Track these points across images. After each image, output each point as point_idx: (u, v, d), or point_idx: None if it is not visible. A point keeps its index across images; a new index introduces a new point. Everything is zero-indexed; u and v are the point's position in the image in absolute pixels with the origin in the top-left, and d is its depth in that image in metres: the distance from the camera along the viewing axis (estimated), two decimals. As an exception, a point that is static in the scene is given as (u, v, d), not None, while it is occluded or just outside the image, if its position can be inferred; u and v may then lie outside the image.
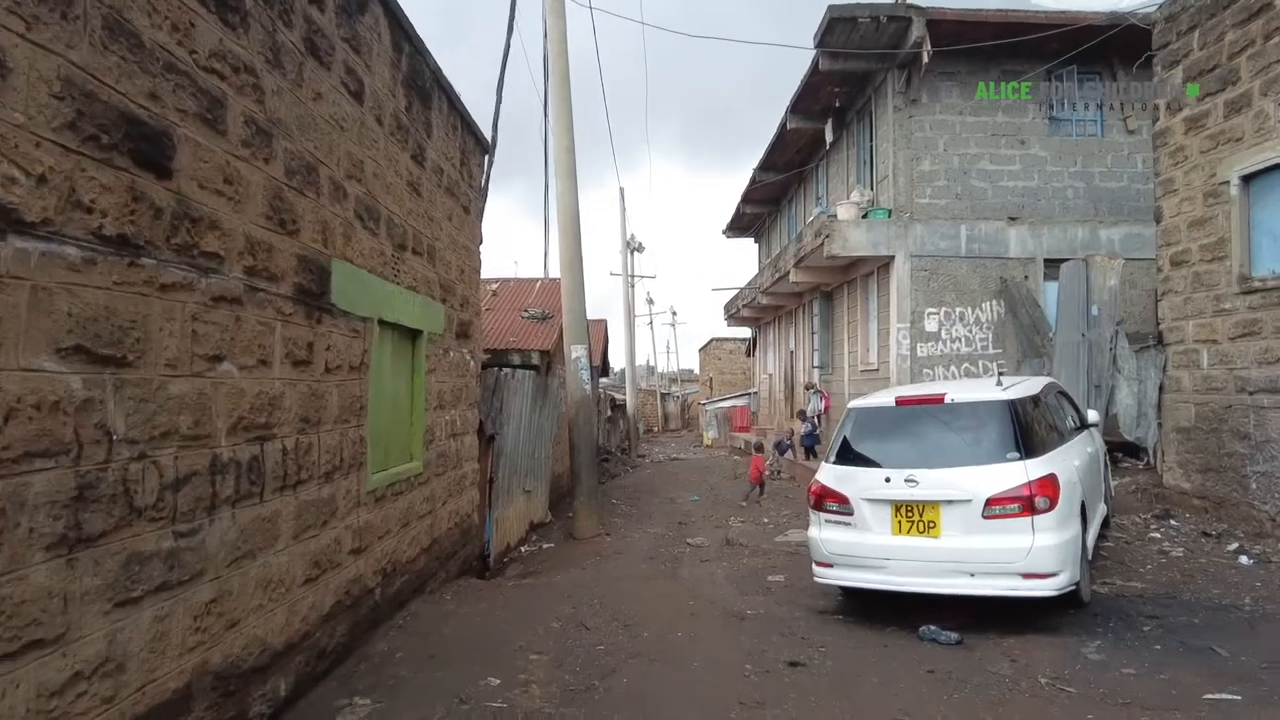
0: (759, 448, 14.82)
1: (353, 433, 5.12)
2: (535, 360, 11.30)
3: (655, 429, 52.97)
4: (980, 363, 12.81)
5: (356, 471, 5.19)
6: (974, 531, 5.60)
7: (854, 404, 6.64)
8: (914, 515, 5.80)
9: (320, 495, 4.66)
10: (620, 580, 7.92)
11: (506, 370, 10.28)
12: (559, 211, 11.09)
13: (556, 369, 11.50)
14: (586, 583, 7.82)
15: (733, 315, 26.88)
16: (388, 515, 5.82)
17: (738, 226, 26.70)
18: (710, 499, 14.95)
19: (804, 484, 14.62)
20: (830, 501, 6.17)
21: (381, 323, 5.63)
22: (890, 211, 12.90)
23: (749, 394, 32.77)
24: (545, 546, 10.84)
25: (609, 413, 31.11)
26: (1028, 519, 5.47)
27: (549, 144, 11.42)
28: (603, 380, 41.22)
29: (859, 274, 14.68)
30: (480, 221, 8.91)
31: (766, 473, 15.75)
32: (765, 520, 11.43)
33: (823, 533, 6.18)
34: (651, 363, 65.87)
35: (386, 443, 5.93)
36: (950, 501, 5.67)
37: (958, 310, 12.80)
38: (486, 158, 9.19)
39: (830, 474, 6.28)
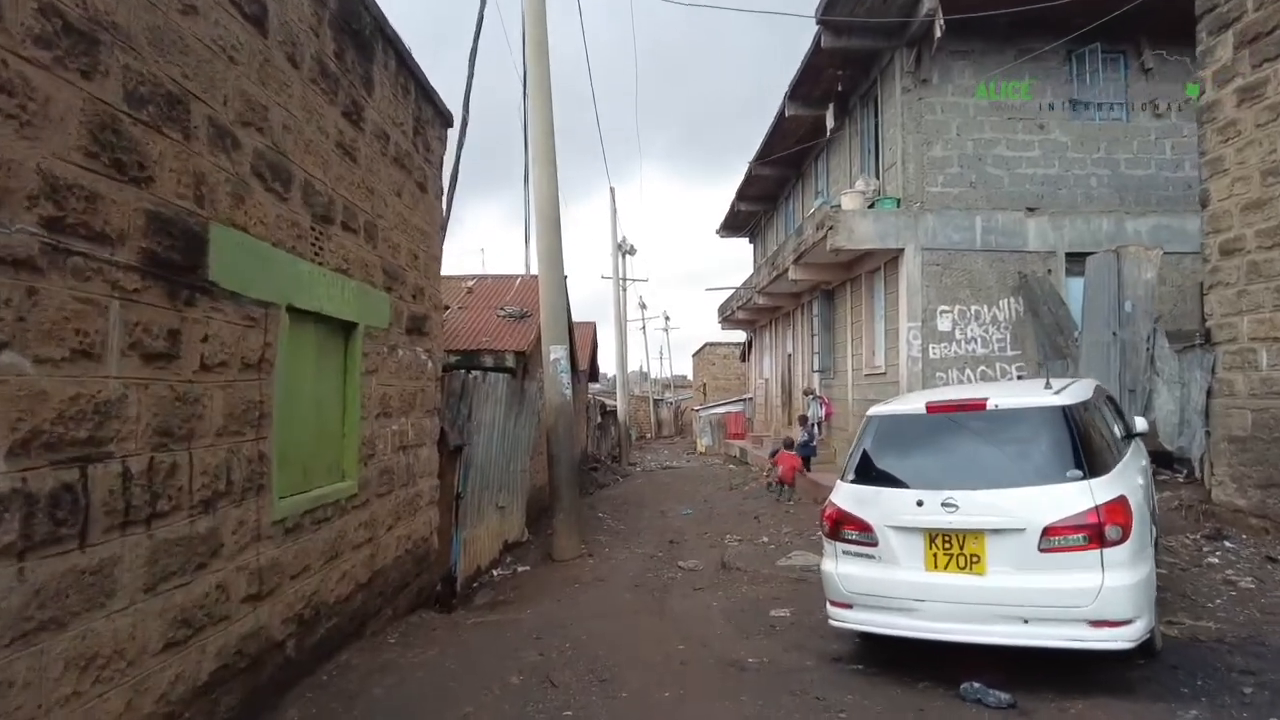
0: (789, 444, 13.76)
1: (248, 448, 4.02)
2: (510, 362, 10.21)
3: (648, 435, 51.89)
4: (998, 365, 11.78)
5: (255, 497, 4.09)
6: (1028, 568, 4.54)
7: (875, 411, 5.57)
8: (952, 547, 4.73)
9: (194, 531, 3.56)
10: (599, 617, 6.82)
11: (476, 373, 9.19)
12: (536, 199, 10.02)
13: (535, 372, 10.42)
14: (560, 620, 6.72)
15: (727, 318, 25.82)
16: (305, 549, 4.71)
17: (732, 225, 25.68)
18: (704, 513, 13.85)
19: (805, 497, 13.57)
20: (849, 529, 5.09)
21: (295, 311, 4.54)
22: (899, 201, 11.87)
23: (744, 400, 31.73)
24: (520, 569, 9.74)
25: (599, 419, 30.03)
26: (1095, 553, 4.41)
27: (527, 124, 10.36)
28: (594, 386, 40.17)
29: (864, 270, 13.64)
30: (442, 204, 7.83)
31: (775, 479, 14.70)
32: (764, 539, 10.35)
33: (840, 566, 5.10)
34: (644, 368, 64.84)
35: (305, 459, 4.83)
36: (998, 531, 4.61)
37: (973, 308, 11.77)
38: (451, 133, 8.11)
39: (848, 495, 5.20)
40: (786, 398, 20.94)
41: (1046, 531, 4.48)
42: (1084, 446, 4.74)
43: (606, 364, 45.61)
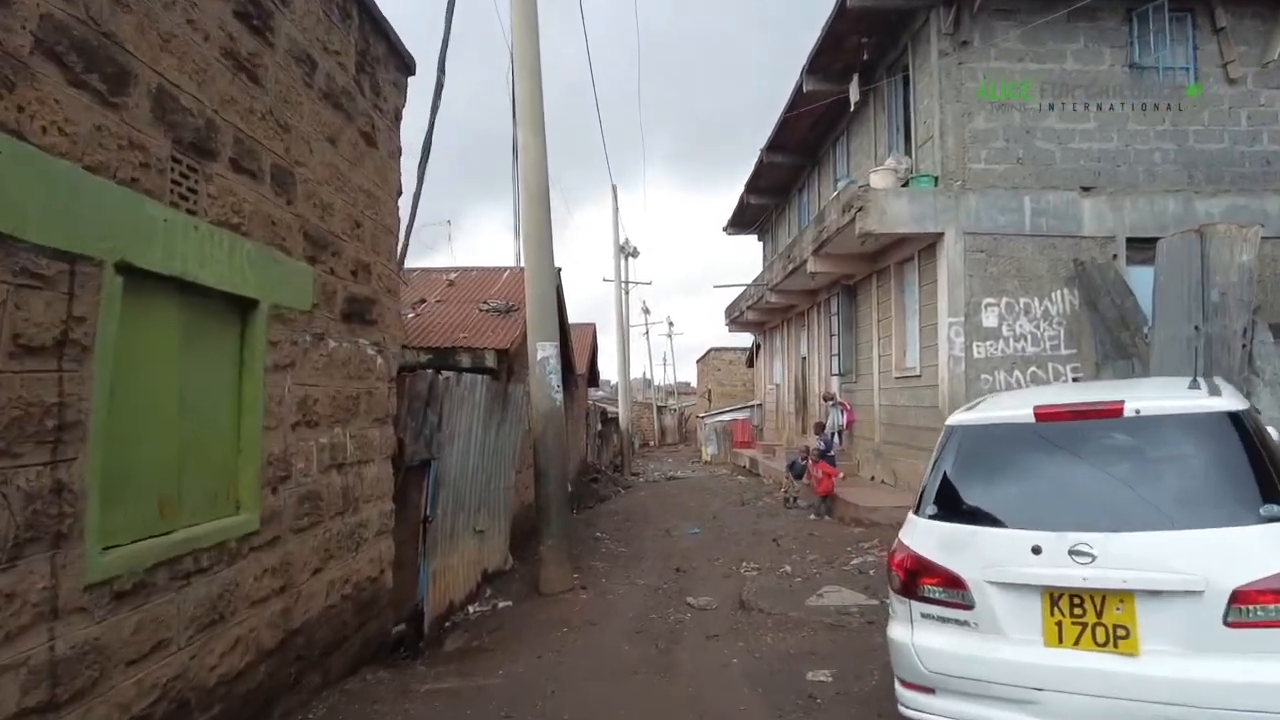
0: (822, 453, 12.29)
1: (32, 476, 2.60)
2: (491, 362, 8.80)
3: (651, 443, 50.48)
4: (1050, 366, 10.32)
5: (46, 551, 2.66)
6: (1206, 648, 3.09)
7: (960, 419, 4.12)
8: (1086, 614, 3.29)
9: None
10: (590, 678, 5.38)
11: (448, 375, 7.76)
12: (521, 169, 8.62)
13: (522, 374, 9.00)
14: (538, 685, 5.28)
15: (735, 319, 24.39)
16: (160, 616, 3.28)
17: (740, 222, 24.25)
18: (714, 532, 12.39)
19: (827, 513, 11.97)
20: (930, 583, 3.65)
21: (139, 274, 3.12)
22: (937, 179, 10.45)
23: (751, 407, 30.26)
24: (501, 605, 8.28)
25: (599, 427, 28.59)
26: (1319, 631, 2.99)
27: (515, 84, 8.97)
28: (597, 393, 38.76)
29: (892, 261, 12.20)
30: (398, 164, 6.43)
31: (795, 494, 13.27)
32: (786, 568, 8.89)
33: (918, 635, 3.65)
34: (647, 375, 63.42)
35: (166, 488, 3.41)
36: (1157, 593, 3.17)
37: (1022, 301, 10.33)
38: (417, 87, 6.72)
39: (928, 536, 3.76)
40: (800, 404, 19.47)
41: (1237, 597, 3.04)
42: (1277, 471, 3.31)
43: (608, 370, 44.24)
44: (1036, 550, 3.36)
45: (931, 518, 3.86)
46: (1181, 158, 10.56)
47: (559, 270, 12.73)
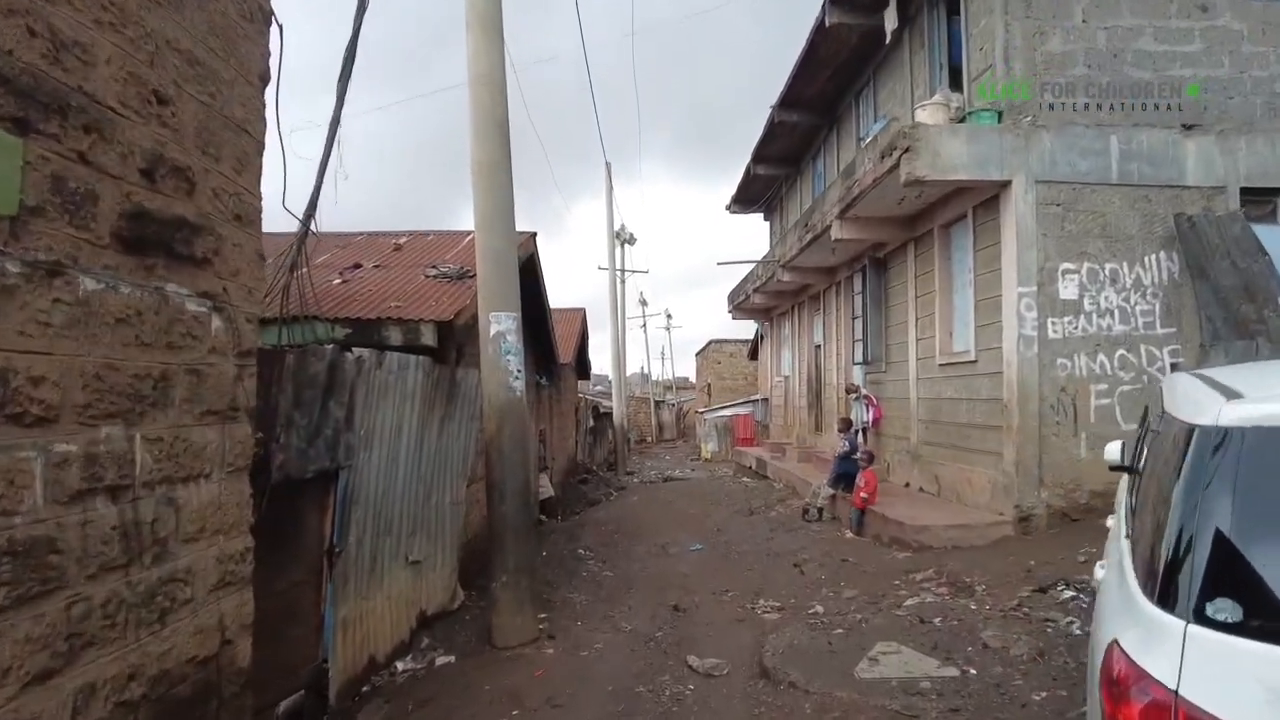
0: (871, 458, 10.27)
1: None
2: (428, 339, 6.71)
3: (648, 439, 48.52)
4: (1142, 348, 8.25)
5: None
6: None
7: (1244, 415, 2.03)
8: None
9: None
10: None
11: (364, 354, 5.70)
12: (470, 82, 6.54)
13: (477, 356, 6.91)
14: None
15: (739, 305, 22.27)
16: None
17: (745, 199, 22.10)
18: (719, 550, 10.34)
19: (844, 526, 9.65)
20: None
21: None
22: (1000, 115, 8.37)
23: (754, 401, 28.18)
24: (440, 662, 6.22)
25: (591, 423, 26.54)
26: None
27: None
28: (589, 387, 36.72)
29: (937, 223, 10.11)
30: (266, 36, 4.34)
31: (822, 503, 11.21)
32: (817, 607, 6.83)
33: None
34: (645, 369, 61.28)
35: None
36: None
37: (1107, 267, 8.25)
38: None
39: (1204, 666, 1.70)
40: (814, 398, 17.40)
41: None
42: None
43: (602, 364, 42.16)
44: None
45: (1224, 626, 1.78)
46: (1309, 88, 8.47)
47: (534, 236, 10.64)
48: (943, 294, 10.12)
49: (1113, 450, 4.87)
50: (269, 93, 4.43)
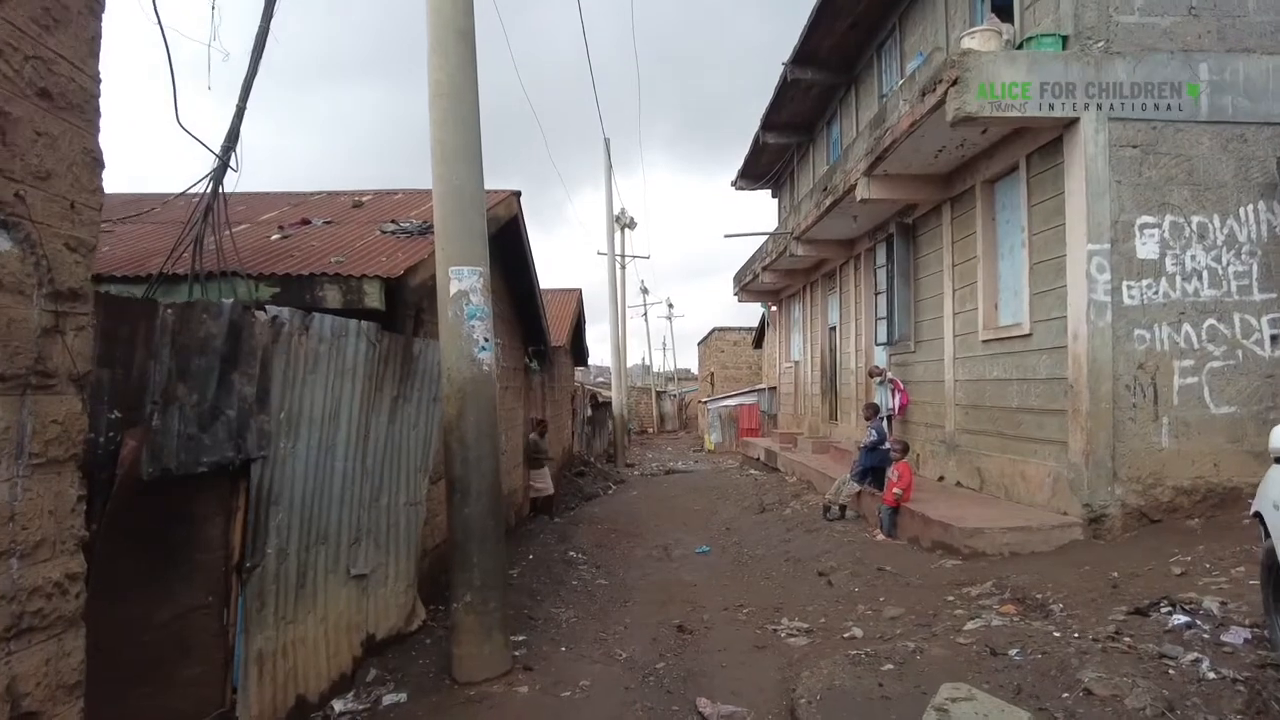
0: (905, 448, 8.98)
1: None
2: (374, 300, 5.42)
3: (650, 430, 47.28)
4: (1236, 317, 6.95)
5: None
6: None
7: None
8: None
9: None
10: None
11: (280, 314, 4.42)
12: (422, -21, 5.22)
13: (435, 323, 5.61)
14: None
15: (746, 285, 20.94)
16: None
17: (753, 173, 20.71)
18: (729, 553, 9.08)
19: (877, 525, 8.14)
20: None
21: None
22: (1065, 40, 7.05)
23: (760, 390, 26.89)
24: (388, 700, 4.96)
25: (589, 412, 25.28)
26: None
27: None
28: (587, 375, 35.42)
29: (980, 178, 8.79)
30: None
31: (845, 500, 9.90)
32: (856, 631, 5.55)
33: None
34: (646, 360, 59.96)
35: None
36: None
37: (1194, 221, 6.95)
38: None
39: None
40: (828, 384, 16.11)
41: None
42: None
43: (601, 356, 40.84)
44: None
45: None
46: None
47: (517, 195, 9.34)
48: (987, 260, 8.80)
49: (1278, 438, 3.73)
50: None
